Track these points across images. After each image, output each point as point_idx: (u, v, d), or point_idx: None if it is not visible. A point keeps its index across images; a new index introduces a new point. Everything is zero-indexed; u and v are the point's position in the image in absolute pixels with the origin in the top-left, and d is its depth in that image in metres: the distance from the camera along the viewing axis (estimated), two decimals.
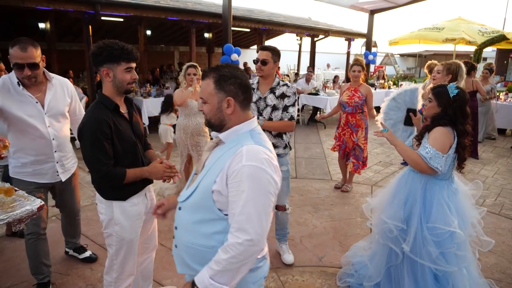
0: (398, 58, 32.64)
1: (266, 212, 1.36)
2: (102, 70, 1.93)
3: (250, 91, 1.49)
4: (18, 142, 2.47)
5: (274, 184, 1.38)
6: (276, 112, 2.92)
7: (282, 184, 2.96)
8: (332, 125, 9.72)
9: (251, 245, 1.31)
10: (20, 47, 2.22)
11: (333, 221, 4.10)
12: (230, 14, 7.82)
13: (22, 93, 2.36)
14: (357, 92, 4.65)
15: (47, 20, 8.90)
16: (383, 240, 2.51)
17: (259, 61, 2.89)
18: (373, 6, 12.03)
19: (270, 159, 1.39)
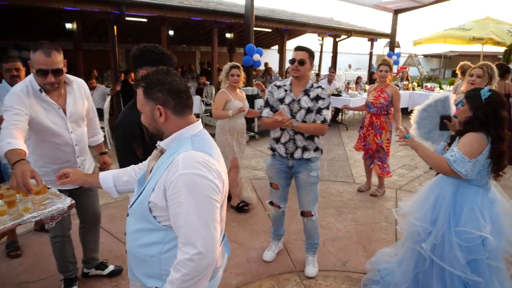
0: (422, 58, 31.89)
1: (212, 219, 1.29)
2: (141, 72, 1.96)
3: (183, 94, 1.38)
4: (39, 151, 2.36)
5: (216, 189, 1.31)
6: (310, 114, 2.83)
7: (311, 189, 2.97)
8: (354, 127, 9.56)
9: (201, 258, 1.24)
10: (44, 52, 2.11)
11: (356, 225, 4.02)
12: (252, 14, 7.81)
13: (45, 100, 2.26)
14: (383, 92, 4.55)
15: (74, 20, 9.08)
16: (411, 243, 2.44)
17: (296, 61, 2.79)
18: (397, 6, 11.80)
19: (208, 163, 1.31)
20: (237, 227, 3.91)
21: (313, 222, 3.09)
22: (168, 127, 1.39)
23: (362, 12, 76.76)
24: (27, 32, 11.14)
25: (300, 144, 2.88)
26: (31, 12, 9.54)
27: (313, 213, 3.05)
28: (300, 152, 2.89)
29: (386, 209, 4.42)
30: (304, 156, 2.89)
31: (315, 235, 3.14)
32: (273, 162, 3.06)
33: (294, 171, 2.98)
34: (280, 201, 3.18)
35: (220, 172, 1.35)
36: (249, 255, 3.37)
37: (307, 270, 3.09)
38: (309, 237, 3.15)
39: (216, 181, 1.30)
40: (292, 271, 3.16)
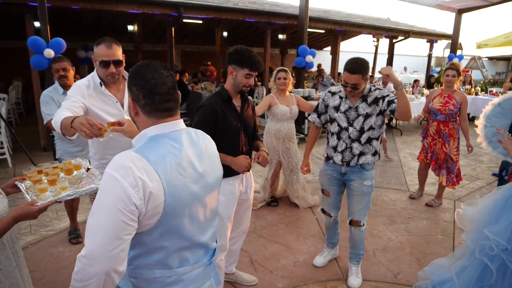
0: (486, 61, 29.74)
1: (109, 230, 1.10)
2: (229, 67, 2.32)
3: (157, 96, 1.24)
4: (97, 143, 2.45)
5: (126, 199, 1.10)
6: (369, 119, 2.72)
7: (362, 199, 2.86)
8: (408, 132, 9.16)
9: (87, 263, 1.09)
10: (106, 44, 2.26)
11: (410, 235, 3.83)
12: (306, 15, 7.75)
13: (104, 93, 2.35)
14: (451, 99, 4.26)
15: (135, 22, 9.60)
16: (480, 255, 2.26)
17: (348, 86, 2.61)
18: (461, 5, 11.08)
19: (135, 169, 1.13)
20: (284, 229, 3.89)
21: (361, 232, 2.96)
22: (139, 122, 1.31)
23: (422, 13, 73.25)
24: (93, 33, 11.94)
25: (357, 152, 2.79)
26: (97, 15, 10.23)
27: (362, 223, 2.93)
28: (356, 159, 2.80)
29: (442, 221, 4.17)
30: (359, 162, 2.79)
31: (361, 245, 3.01)
32: (326, 168, 2.99)
33: (346, 178, 2.89)
34: (332, 209, 3.09)
35: (146, 183, 1.13)
36: (296, 259, 3.34)
37: (350, 281, 2.97)
38: (354, 246, 3.03)
39: (129, 191, 1.11)
40: (339, 278, 3.08)
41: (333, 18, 10.74)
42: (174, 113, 1.30)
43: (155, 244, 1.22)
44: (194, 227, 1.30)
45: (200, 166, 1.31)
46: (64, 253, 3.33)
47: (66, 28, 11.24)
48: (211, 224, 1.41)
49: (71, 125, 1.93)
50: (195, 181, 1.28)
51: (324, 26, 10.62)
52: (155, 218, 1.18)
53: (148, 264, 1.25)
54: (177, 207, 1.21)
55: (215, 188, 1.41)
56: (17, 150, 6.25)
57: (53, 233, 3.70)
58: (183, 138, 1.29)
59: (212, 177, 1.37)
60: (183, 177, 1.23)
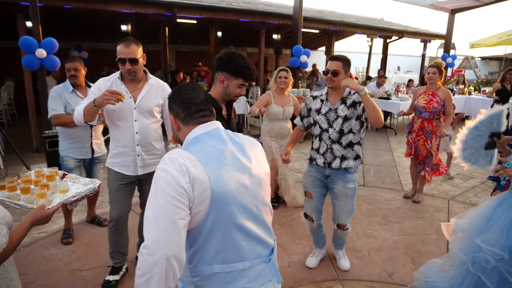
0: (479, 61, 29.97)
1: (163, 216, 1.18)
2: (220, 75, 2.10)
3: (193, 107, 1.41)
4: (112, 133, 2.71)
5: (175, 184, 1.20)
6: (347, 122, 2.77)
7: (346, 202, 2.88)
8: (403, 132, 9.18)
9: (147, 253, 1.16)
10: (124, 44, 2.47)
11: (404, 235, 3.84)
12: (301, 15, 7.75)
13: (120, 87, 2.57)
14: (435, 96, 4.32)
15: (129, 22, 9.54)
16: (475, 269, 2.22)
17: (329, 72, 2.71)
18: (455, 5, 11.14)
19: (177, 159, 1.24)
20: (279, 229, 3.87)
21: (346, 232, 3.11)
22: (181, 136, 1.45)
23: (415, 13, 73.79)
24: (86, 33, 11.86)
25: (338, 154, 2.82)
26: (90, 15, 10.15)
27: (348, 226, 3.05)
28: (338, 162, 2.82)
29: (437, 220, 4.18)
30: (342, 166, 2.82)
31: (345, 239, 3.21)
32: (310, 169, 3.01)
33: (329, 181, 2.91)
34: (314, 212, 3.07)
35: (189, 169, 1.23)
36: (291, 259, 3.33)
37: (341, 263, 3.18)
38: (340, 240, 3.22)
39: (176, 175, 1.21)
40: (334, 278, 3.08)
41: (327, 18, 10.75)
42: (210, 119, 1.44)
43: (210, 236, 1.28)
44: (249, 218, 1.36)
45: (243, 159, 1.39)
46: (56, 255, 3.30)
47: (59, 28, 11.15)
48: (265, 218, 1.46)
49: (94, 104, 2.37)
50: (240, 170, 1.36)
51: (318, 26, 10.62)
52: (205, 205, 1.25)
53: (207, 259, 1.31)
54: (224, 194, 1.28)
55: (264, 182, 1.47)
56: (9, 151, 6.18)
57: (45, 235, 3.66)
58: (222, 134, 1.41)
59: (257, 170, 1.44)
60: (227, 166, 1.32)
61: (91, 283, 2.93)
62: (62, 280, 2.96)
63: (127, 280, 2.96)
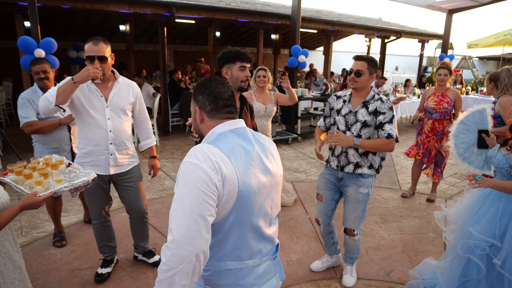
0: (477, 61, 30.08)
1: (194, 211, 1.18)
2: (223, 70, 2.40)
3: (220, 101, 1.40)
4: (82, 132, 2.68)
5: (208, 180, 1.20)
6: (366, 129, 2.63)
7: (356, 206, 2.82)
8: (400, 131, 9.22)
9: (175, 248, 1.15)
10: (93, 42, 2.48)
11: (402, 234, 3.86)
12: (299, 15, 7.76)
13: (90, 87, 2.59)
14: (445, 97, 4.35)
15: (127, 22, 9.53)
16: (464, 252, 2.31)
17: (352, 72, 2.62)
18: (452, 5, 11.18)
19: (208, 154, 1.24)
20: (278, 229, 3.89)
21: (355, 241, 2.90)
22: (204, 128, 1.44)
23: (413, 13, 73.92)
24: (85, 33, 11.85)
25: (353, 160, 2.72)
26: (88, 15, 10.15)
27: (356, 232, 2.86)
28: (351, 168, 2.73)
29: (434, 219, 4.20)
30: (356, 172, 2.73)
31: (355, 251, 2.97)
32: (325, 171, 2.94)
33: (342, 184, 2.82)
34: (323, 215, 2.97)
35: (223, 168, 1.24)
36: (289, 258, 3.35)
37: (344, 280, 2.98)
38: (349, 251, 2.99)
39: (209, 172, 1.21)
40: (332, 277, 3.09)
41: (325, 18, 10.77)
42: (235, 116, 1.44)
43: (228, 233, 1.31)
44: (262, 218, 1.39)
45: (266, 160, 1.41)
46: (55, 255, 3.30)
47: (58, 28, 11.14)
48: (275, 219, 1.50)
49: (74, 81, 2.36)
50: (263, 172, 1.38)
51: (316, 26, 10.64)
52: (231, 203, 1.27)
53: (222, 255, 1.33)
54: (248, 194, 1.30)
55: (279, 184, 1.49)
56: (7, 151, 6.18)
57: (45, 234, 3.67)
58: (248, 134, 1.42)
59: (275, 172, 1.46)
60: (252, 166, 1.33)
61: (90, 282, 2.94)
62: (61, 279, 2.97)
63: (126, 279, 2.97)
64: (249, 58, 2.39)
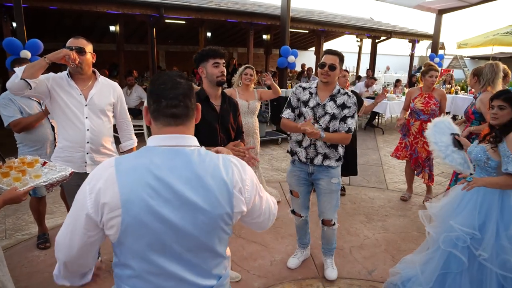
0: (468, 60, 30.32)
1: (68, 224, 1.18)
2: (199, 69, 2.47)
3: (163, 101, 1.17)
4: (60, 128, 2.69)
5: (83, 202, 1.12)
6: (334, 121, 2.74)
7: (331, 197, 2.88)
8: (390, 131, 9.29)
9: None
10: (74, 37, 2.59)
11: (386, 233, 3.90)
12: (288, 15, 7.78)
13: (70, 84, 2.60)
14: (431, 98, 4.37)
15: (117, 23, 9.51)
16: (445, 246, 2.38)
17: (326, 65, 2.68)
18: (441, 6, 11.28)
19: (98, 176, 1.13)
20: None
21: (333, 230, 3.02)
22: (153, 130, 1.25)
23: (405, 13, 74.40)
24: (75, 34, 11.79)
25: (321, 151, 2.81)
26: (78, 15, 10.10)
27: (334, 221, 2.98)
28: (320, 159, 2.81)
29: (418, 218, 4.25)
30: (324, 164, 2.82)
31: (333, 240, 3.09)
32: (293, 169, 3.00)
33: (314, 178, 2.90)
34: (301, 209, 3.10)
35: (100, 193, 1.11)
36: (273, 258, 3.37)
37: (327, 273, 3.06)
38: (327, 242, 3.11)
39: (87, 195, 1.13)
40: (315, 276, 3.12)
41: (315, 18, 10.82)
42: (180, 122, 1.20)
43: (124, 260, 1.18)
44: (169, 258, 1.16)
45: (188, 193, 1.13)
46: (39, 257, 3.30)
47: (47, 29, 11.07)
48: (199, 261, 1.21)
49: (45, 57, 2.36)
50: (171, 206, 1.12)
51: (306, 27, 10.69)
52: (113, 231, 1.12)
53: (122, 277, 1.21)
54: (138, 228, 1.11)
55: (210, 224, 1.18)
56: None
57: (29, 237, 3.66)
58: (177, 157, 1.17)
59: (204, 211, 1.16)
60: (151, 198, 1.10)
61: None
62: (44, 281, 2.96)
63: (109, 279, 2.97)
64: (221, 54, 2.43)
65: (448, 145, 2.74)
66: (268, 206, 1.40)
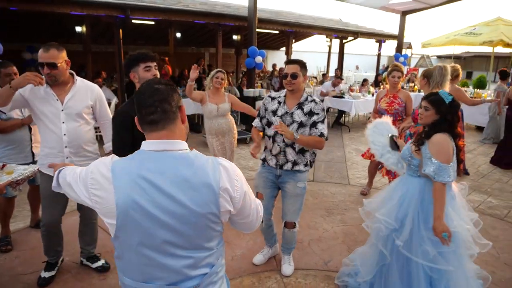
0: (435, 59, 31.49)
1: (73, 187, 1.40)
2: (130, 75, 2.41)
3: (143, 110, 1.28)
4: (40, 135, 2.75)
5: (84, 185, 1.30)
6: (302, 129, 2.79)
7: (295, 200, 2.98)
8: (357, 129, 9.58)
9: None
10: (44, 49, 2.52)
11: (344, 225, 4.09)
12: (255, 16, 7.91)
13: (46, 90, 2.62)
14: (396, 98, 4.52)
15: (83, 24, 9.37)
16: (375, 239, 2.57)
17: (288, 75, 2.76)
18: (404, 7, 11.72)
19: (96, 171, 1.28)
20: (226, 225, 4.00)
21: (293, 233, 3.09)
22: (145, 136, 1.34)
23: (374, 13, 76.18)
24: (41, 35, 11.50)
25: (291, 158, 2.87)
26: (43, 16, 9.86)
27: (296, 225, 3.05)
28: (290, 166, 2.88)
29: None
30: (294, 169, 2.89)
31: (293, 242, 3.16)
32: (262, 170, 3.06)
33: (281, 181, 2.97)
34: (265, 212, 2.91)
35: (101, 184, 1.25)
36: (234, 253, 3.48)
37: (283, 269, 3.16)
38: (287, 242, 3.17)
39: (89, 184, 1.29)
40: (274, 269, 3.25)
41: (283, 19, 11.00)
42: (161, 127, 1.27)
43: (121, 253, 1.30)
44: (161, 252, 1.26)
45: (176, 194, 1.22)
46: None
47: (13, 30, 10.75)
48: (189, 255, 1.30)
49: (10, 86, 2.40)
50: (161, 207, 1.21)
51: (274, 27, 10.86)
52: (111, 221, 1.25)
53: (120, 267, 1.34)
54: (131, 226, 1.22)
55: (198, 223, 1.27)
56: None
57: None
58: (166, 161, 1.26)
59: (191, 211, 1.24)
60: (143, 199, 1.20)
61: (33, 286, 2.95)
62: (3, 285, 2.95)
63: (70, 281, 3.01)
64: (152, 57, 2.40)
65: (385, 146, 2.89)
66: (256, 207, 1.50)
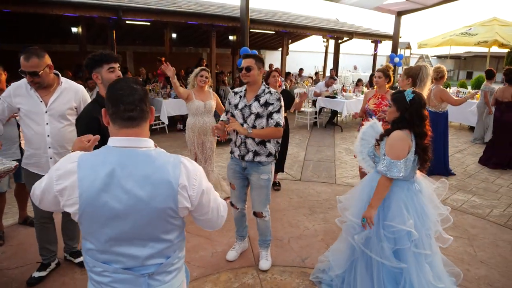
0: (435, 59, 31.50)
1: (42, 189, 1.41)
2: (93, 75, 2.41)
3: (121, 105, 1.33)
4: (25, 135, 2.82)
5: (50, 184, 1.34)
6: (259, 120, 2.95)
7: (260, 192, 3.13)
8: (349, 129, 9.66)
9: None
10: (24, 57, 2.55)
11: (326, 224, 4.17)
12: (247, 17, 7.98)
13: (30, 93, 2.71)
14: (384, 99, 4.49)
15: (79, 25, 9.48)
16: (346, 234, 2.68)
17: (243, 69, 2.95)
18: (399, 8, 11.76)
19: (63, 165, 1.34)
20: None
21: (265, 222, 3.24)
22: (110, 131, 1.40)
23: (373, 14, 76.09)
24: (38, 36, 11.62)
25: (251, 148, 3.01)
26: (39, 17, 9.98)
27: (264, 214, 3.20)
28: (251, 156, 3.02)
29: None
30: (255, 160, 3.03)
31: (267, 233, 3.30)
32: (231, 162, 3.24)
33: (246, 173, 3.13)
34: (238, 201, 3.30)
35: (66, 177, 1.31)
36: (215, 250, 3.57)
37: (260, 264, 3.27)
38: (262, 234, 3.31)
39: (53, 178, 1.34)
40: (251, 265, 3.34)
41: (277, 20, 11.06)
42: (136, 124, 1.36)
43: (85, 235, 1.39)
44: (119, 241, 1.34)
45: (135, 189, 1.30)
46: None
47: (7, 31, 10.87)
48: (147, 245, 1.38)
49: None
50: (120, 200, 1.29)
51: (268, 28, 10.93)
52: (73, 209, 1.32)
53: (84, 248, 1.41)
54: (92, 216, 1.31)
55: (155, 217, 1.34)
56: None
57: None
58: (129, 157, 1.33)
59: (149, 205, 1.32)
60: (104, 192, 1.28)
61: (17, 280, 3.04)
62: None
63: (52, 274, 3.10)
64: (115, 58, 2.41)
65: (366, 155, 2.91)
66: (217, 206, 1.55)
